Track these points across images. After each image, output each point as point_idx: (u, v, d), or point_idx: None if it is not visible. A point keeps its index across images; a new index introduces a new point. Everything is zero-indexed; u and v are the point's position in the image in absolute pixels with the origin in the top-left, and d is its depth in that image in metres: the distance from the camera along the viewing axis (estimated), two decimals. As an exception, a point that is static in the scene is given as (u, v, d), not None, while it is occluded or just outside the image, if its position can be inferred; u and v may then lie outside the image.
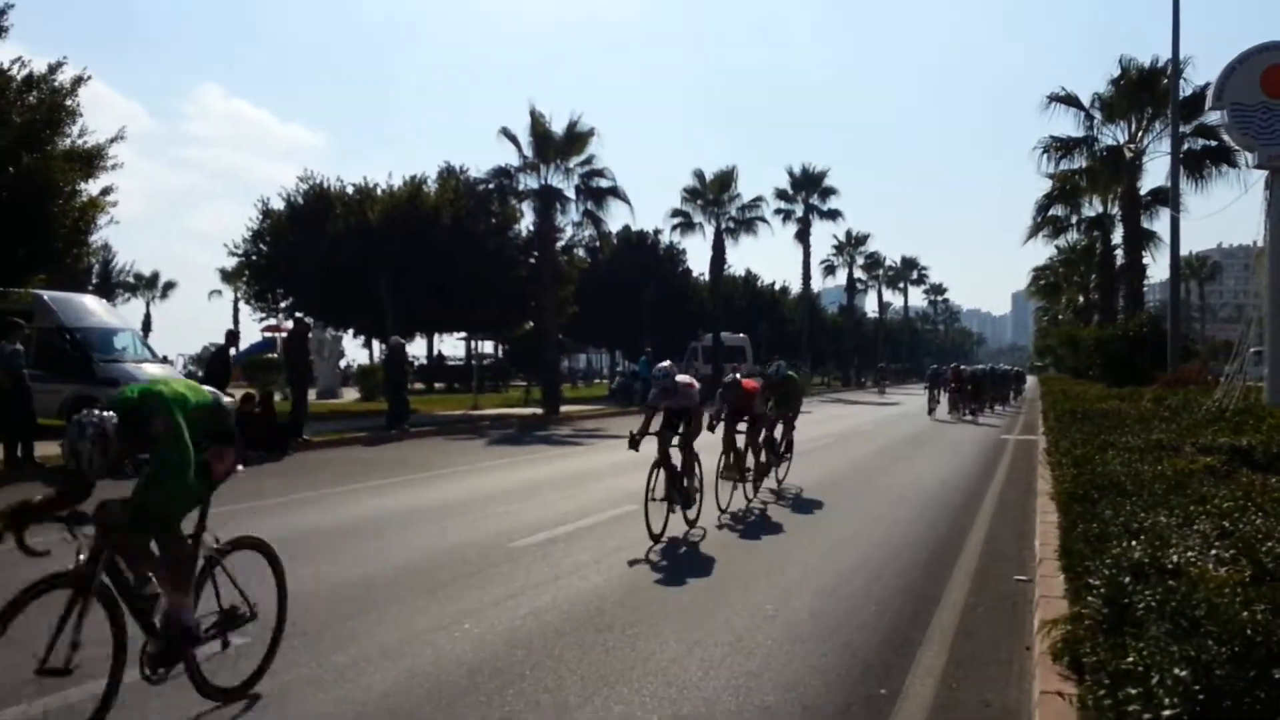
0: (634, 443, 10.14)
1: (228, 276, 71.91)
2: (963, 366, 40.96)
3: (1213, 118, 28.29)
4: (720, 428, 12.37)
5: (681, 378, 10.77)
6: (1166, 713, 2.90)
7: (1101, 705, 3.28)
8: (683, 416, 10.70)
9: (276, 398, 21.95)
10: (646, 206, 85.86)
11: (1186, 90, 30.81)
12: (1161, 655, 3.19)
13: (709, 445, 11.34)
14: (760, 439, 13.24)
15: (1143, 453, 8.87)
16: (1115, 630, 3.88)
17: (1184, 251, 62.82)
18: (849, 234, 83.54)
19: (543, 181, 35.07)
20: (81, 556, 4.52)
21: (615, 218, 38.41)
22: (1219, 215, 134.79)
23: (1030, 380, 69.24)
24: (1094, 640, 4.00)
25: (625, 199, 36.51)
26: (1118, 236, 41.02)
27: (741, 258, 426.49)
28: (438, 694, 5.31)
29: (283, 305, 35.19)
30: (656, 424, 10.55)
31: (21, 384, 14.92)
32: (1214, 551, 4.49)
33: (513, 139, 34.65)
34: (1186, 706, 2.91)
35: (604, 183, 36.04)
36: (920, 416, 34.72)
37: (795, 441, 14.85)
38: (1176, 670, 3.04)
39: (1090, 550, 5.29)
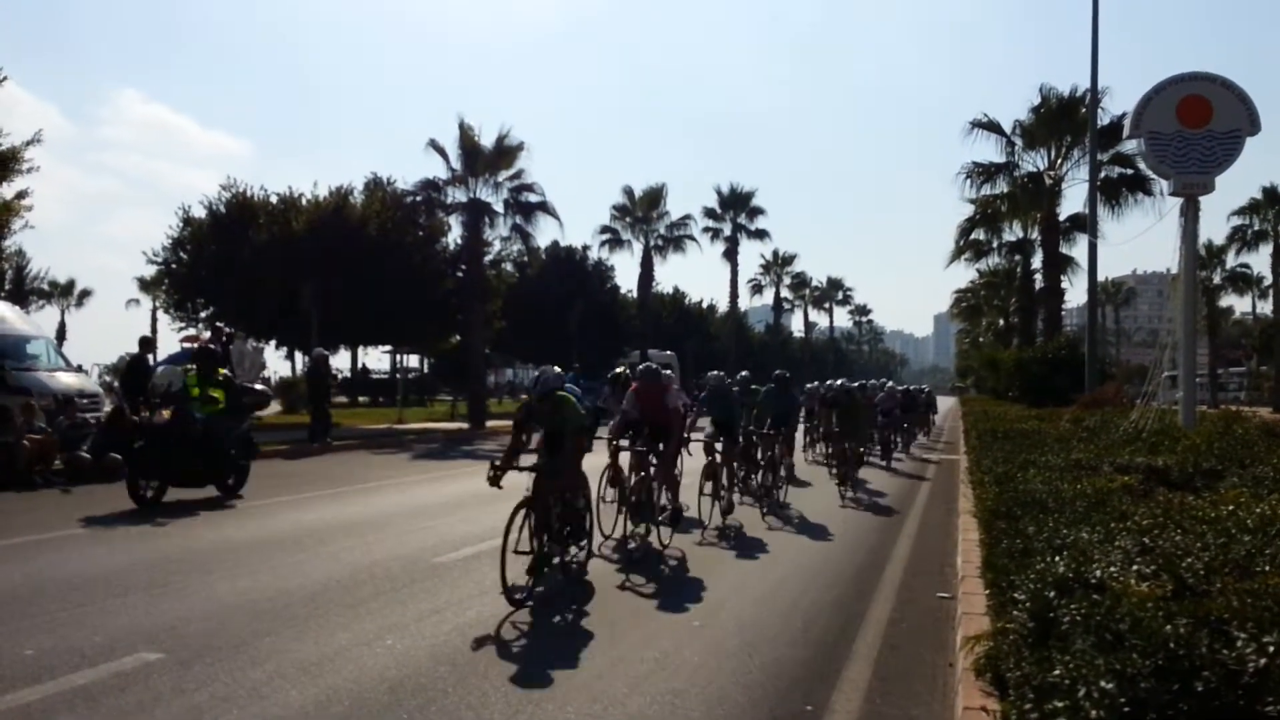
0: None
1: (146, 285, 70.54)
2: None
3: (1130, 146, 29.26)
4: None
5: None
6: (1093, 726, 2.92)
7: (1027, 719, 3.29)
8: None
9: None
10: (575, 222, 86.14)
11: (1105, 119, 31.68)
12: (1087, 668, 3.21)
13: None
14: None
15: (1063, 471, 9.02)
16: (1040, 644, 3.91)
17: (1101, 277, 64.19)
18: (776, 254, 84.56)
19: (471, 195, 34.89)
20: None
21: (544, 233, 38.47)
22: (1134, 242, 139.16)
23: (950, 402, 69.86)
24: (1018, 655, 4.02)
25: (554, 214, 36.47)
26: (1037, 261, 42.01)
27: (670, 275, 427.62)
28: (358, 711, 5.19)
29: (203, 315, 34.51)
30: None
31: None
32: (1135, 567, 4.54)
33: (441, 151, 34.47)
34: (1112, 719, 2.93)
35: (533, 197, 35.96)
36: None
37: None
38: (1103, 683, 3.06)
39: (1014, 565, 5.34)
